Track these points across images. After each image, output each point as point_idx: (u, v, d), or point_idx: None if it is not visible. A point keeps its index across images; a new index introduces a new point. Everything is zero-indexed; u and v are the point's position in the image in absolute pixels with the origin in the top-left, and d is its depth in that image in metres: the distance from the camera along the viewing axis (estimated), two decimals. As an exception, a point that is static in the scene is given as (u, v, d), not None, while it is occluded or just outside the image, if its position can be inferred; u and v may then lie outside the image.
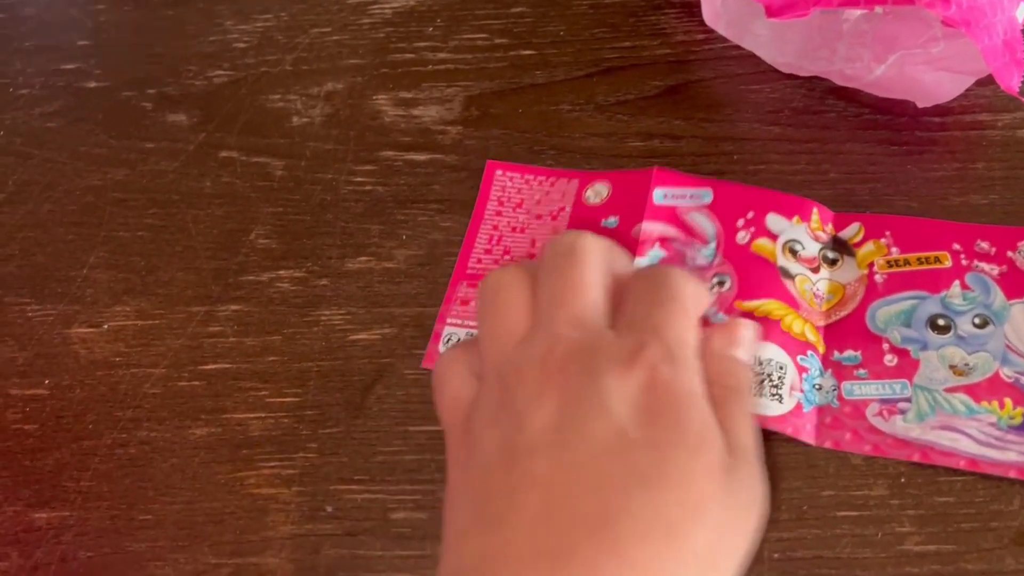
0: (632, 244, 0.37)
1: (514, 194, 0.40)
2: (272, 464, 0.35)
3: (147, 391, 0.37)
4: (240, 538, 0.34)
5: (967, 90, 0.40)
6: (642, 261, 0.37)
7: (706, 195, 0.38)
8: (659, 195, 0.38)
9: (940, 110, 0.41)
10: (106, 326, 0.39)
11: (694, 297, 0.32)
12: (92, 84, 0.47)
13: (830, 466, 0.33)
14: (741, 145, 0.41)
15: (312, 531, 0.34)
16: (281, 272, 0.40)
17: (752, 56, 0.42)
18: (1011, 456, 0.32)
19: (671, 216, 0.38)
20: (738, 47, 0.43)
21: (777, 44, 0.42)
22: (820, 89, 0.42)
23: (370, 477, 0.35)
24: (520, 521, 0.26)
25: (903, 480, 0.33)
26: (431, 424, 0.35)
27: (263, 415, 0.36)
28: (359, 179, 0.42)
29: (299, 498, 0.35)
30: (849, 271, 0.37)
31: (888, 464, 0.33)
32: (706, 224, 0.37)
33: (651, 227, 0.38)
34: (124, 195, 0.43)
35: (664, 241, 0.37)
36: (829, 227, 0.38)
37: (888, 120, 0.41)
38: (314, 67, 0.46)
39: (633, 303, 0.31)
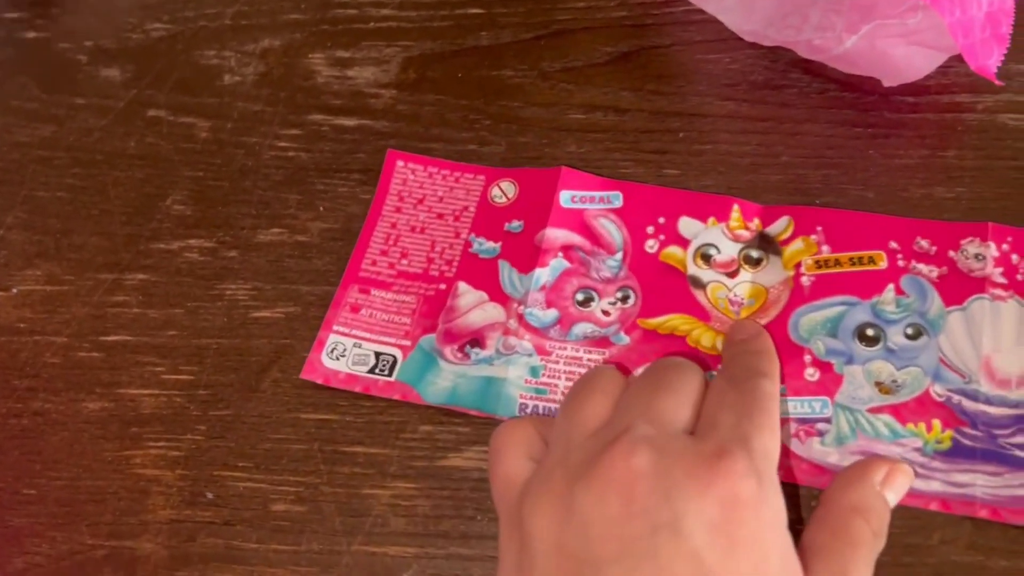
0: (534, 252, 0.34)
1: (416, 188, 0.37)
2: (160, 444, 0.34)
3: (47, 360, 0.36)
4: (119, 519, 0.33)
5: (947, 68, 0.36)
6: (543, 271, 0.34)
7: (616, 198, 0.35)
8: (566, 198, 0.35)
9: (915, 89, 0.36)
10: (15, 290, 0.38)
11: (778, 408, 0.28)
12: (32, 35, 0.45)
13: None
14: (690, 122, 0.38)
15: (190, 517, 0.33)
16: (191, 241, 0.38)
17: (715, 22, 0.38)
18: (934, 486, 0.29)
19: (577, 221, 0.35)
20: (701, 11, 0.39)
21: (744, 9, 0.38)
22: (784, 61, 0.38)
23: (254, 464, 0.33)
24: None
25: (814, 504, 0.30)
26: (322, 412, 0.34)
27: (156, 392, 0.35)
28: (283, 144, 0.40)
29: (181, 482, 0.33)
30: (774, 272, 0.33)
31: (799, 489, 0.30)
32: (614, 232, 0.34)
33: (555, 234, 0.35)
34: (48, 153, 0.41)
35: (568, 250, 0.34)
36: (755, 222, 0.34)
37: (855, 98, 0.37)
38: (254, 21, 0.44)
39: (716, 408, 0.27)
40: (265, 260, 0.37)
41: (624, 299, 0.33)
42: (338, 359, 0.34)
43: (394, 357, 0.33)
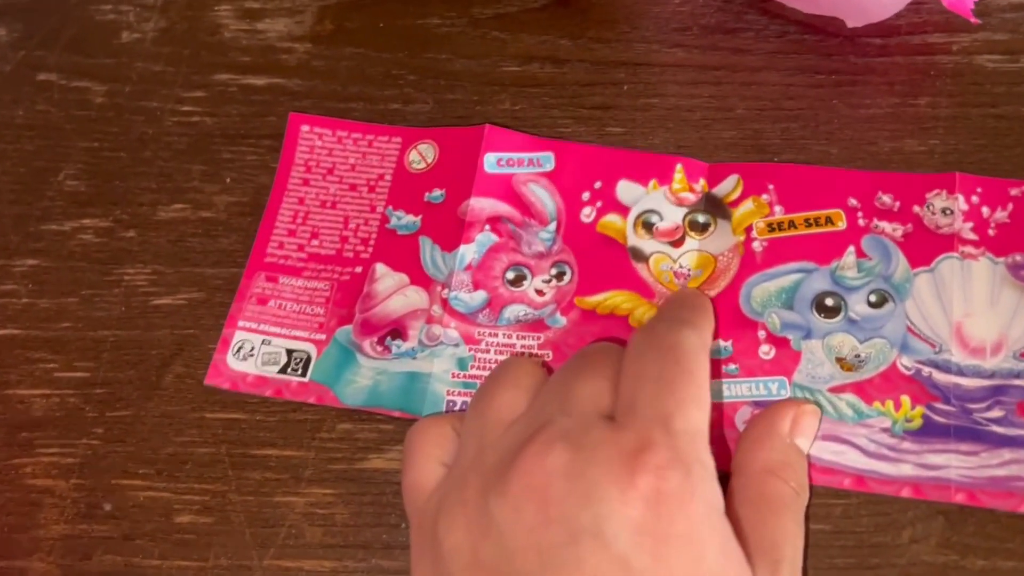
0: (458, 225, 0.31)
1: (324, 156, 0.33)
2: (52, 451, 0.31)
3: (-73, 359, 0.33)
4: (8, 537, 0.30)
5: (919, 5, 0.33)
6: (469, 248, 0.30)
7: (547, 160, 0.32)
8: (491, 161, 0.31)
9: (883, 30, 0.33)
10: None
11: (706, 365, 0.25)
12: (-90, -9, 0.41)
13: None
14: (635, 72, 0.34)
15: (86, 532, 0.29)
16: (86, 221, 0.34)
17: (662, -42, 0.35)
18: (905, 470, 0.26)
19: (505, 188, 0.31)
20: (648, -53, 0.35)
21: (695, -57, 0.34)
22: (739, 2, 0.35)
23: (156, 471, 0.30)
24: None
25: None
26: (231, 411, 0.30)
27: (48, 392, 0.31)
28: (186, 108, 0.36)
29: (76, 492, 0.30)
30: (723, 238, 0.30)
31: (757, 480, 0.27)
32: (546, 199, 0.31)
33: (480, 204, 0.31)
34: (-72, 124, 0.37)
35: (495, 222, 0.31)
36: (701, 183, 0.31)
37: (817, 42, 0.33)
38: (154, -30, 0.39)
39: (634, 379, 0.24)
40: (166, 240, 0.33)
41: (559, 276, 0.30)
42: (245, 359, 0.30)
43: (308, 354, 0.30)
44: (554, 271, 0.30)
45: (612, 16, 0.35)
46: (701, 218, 0.30)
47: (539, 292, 0.30)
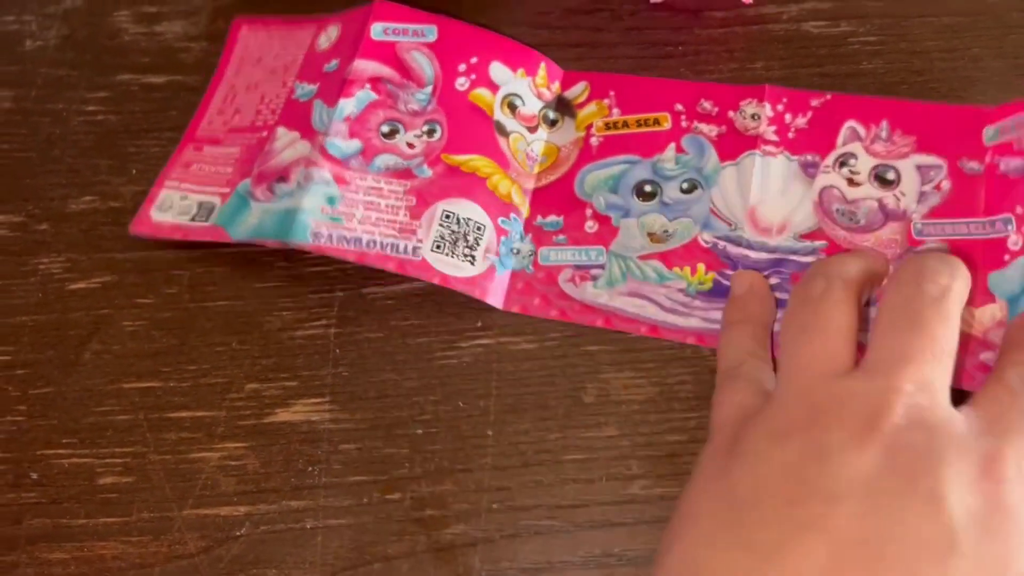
0: (342, 84, 0.34)
1: (255, 50, 0.38)
2: (-22, 430, 0.33)
3: None
4: (-60, 511, 0.32)
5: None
6: (348, 102, 0.33)
7: (431, 32, 0.35)
8: (378, 30, 0.35)
9: (724, 3, 0.37)
10: None
11: None
12: None
13: (560, 407, 0.31)
14: (505, 52, 0.37)
15: (15, 500, 0.32)
16: (-1, 217, 0.36)
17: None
18: (693, 322, 0.31)
19: (388, 54, 0.35)
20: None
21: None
22: (595, -15, 0.38)
23: (79, 440, 0.32)
24: (800, 567, 0.23)
25: (637, 419, 0.30)
26: (146, 380, 0.33)
27: (-28, 377, 0.33)
28: (91, 108, 0.38)
29: (3, 465, 0.32)
30: (567, 133, 0.35)
31: (621, 403, 0.31)
32: (425, 65, 0.34)
33: (364, 65, 0.34)
34: None
35: (376, 82, 0.34)
36: (556, 85, 0.36)
37: (666, 18, 0.37)
38: (54, -19, 0.41)
39: (1010, 388, 0.26)
40: (78, 230, 0.36)
41: (430, 132, 0.34)
42: (166, 212, 0.35)
43: (213, 204, 0.34)
44: (426, 128, 0.34)
45: (483, 3, 0.38)
46: (551, 115, 0.35)
47: (410, 145, 0.33)
